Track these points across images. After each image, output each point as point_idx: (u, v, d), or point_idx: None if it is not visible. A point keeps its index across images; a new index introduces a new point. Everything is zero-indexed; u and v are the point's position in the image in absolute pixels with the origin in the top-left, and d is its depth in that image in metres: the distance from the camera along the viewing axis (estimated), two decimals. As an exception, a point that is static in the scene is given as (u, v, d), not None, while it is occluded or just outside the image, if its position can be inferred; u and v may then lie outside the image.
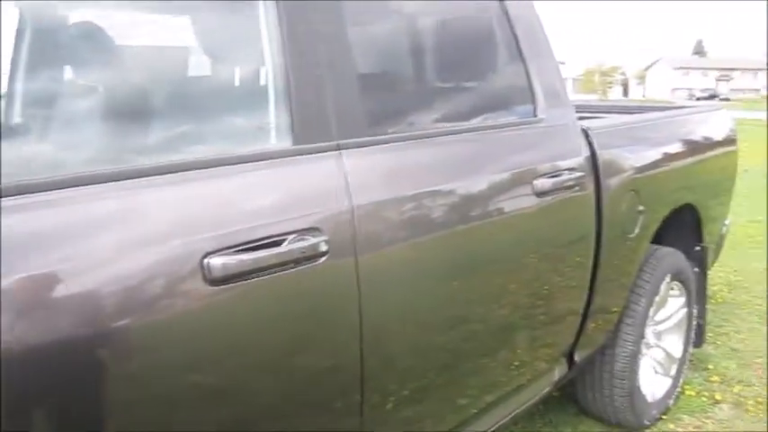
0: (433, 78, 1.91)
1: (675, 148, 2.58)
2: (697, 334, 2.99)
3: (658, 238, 2.76)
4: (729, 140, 3.15)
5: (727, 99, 57.81)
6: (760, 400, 2.89)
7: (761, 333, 3.68)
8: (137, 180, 1.03)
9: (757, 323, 3.85)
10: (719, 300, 4.26)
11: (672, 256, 2.61)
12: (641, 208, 2.22)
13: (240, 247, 1.09)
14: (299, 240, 1.16)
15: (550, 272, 1.87)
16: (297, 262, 1.16)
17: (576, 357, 2.16)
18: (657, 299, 2.48)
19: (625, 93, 75.16)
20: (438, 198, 1.49)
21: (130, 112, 1.21)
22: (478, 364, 1.74)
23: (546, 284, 1.87)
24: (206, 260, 1.05)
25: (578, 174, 1.88)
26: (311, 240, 1.17)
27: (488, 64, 1.94)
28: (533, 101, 1.87)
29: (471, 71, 1.90)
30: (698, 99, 55.48)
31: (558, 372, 2.09)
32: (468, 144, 1.65)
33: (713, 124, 3.05)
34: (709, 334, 3.64)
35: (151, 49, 1.54)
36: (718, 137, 3.06)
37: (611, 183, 2.08)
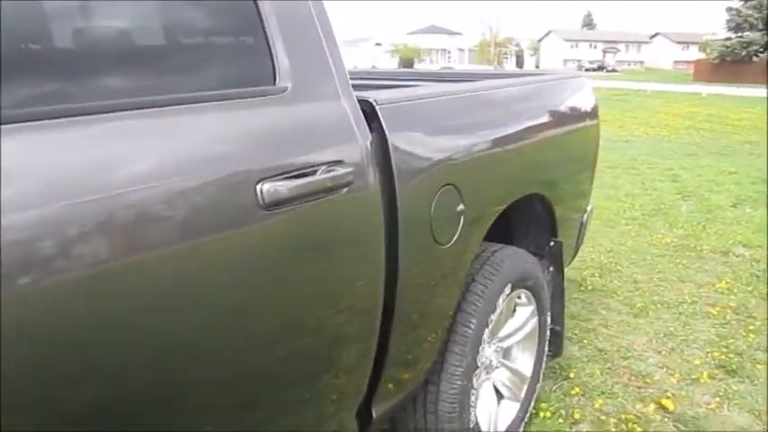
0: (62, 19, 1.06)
1: (514, 125, 2.04)
2: (553, 342, 2.54)
3: (505, 236, 2.28)
4: (588, 113, 2.67)
5: (614, 70, 60.34)
6: (623, 416, 2.49)
7: (631, 326, 3.32)
8: None
9: (627, 314, 3.49)
10: (589, 287, 3.90)
11: (515, 258, 2.11)
12: (462, 207, 1.68)
13: None
14: None
15: (303, 313, 1.26)
16: None
17: (375, 411, 1.60)
18: (494, 316, 1.96)
19: (519, 63, 76.58)
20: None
21: None
22: None
23: (298, 330, 1.26)
24: None
25: (347, 169, 1.27)
26: None
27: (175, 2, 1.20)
28: (272, 61, 1.23)
29: (136, 10, 1.14)
30: (586, 70, 57.24)
31: (346, 437, 1.52)
32: (123, 128, 0.98)
33: (567, 94, 2.55)
34: (575, 331, 3.25)
35: None
36: (574, 109, 2.58)
37: (412, 177, 1.51)
